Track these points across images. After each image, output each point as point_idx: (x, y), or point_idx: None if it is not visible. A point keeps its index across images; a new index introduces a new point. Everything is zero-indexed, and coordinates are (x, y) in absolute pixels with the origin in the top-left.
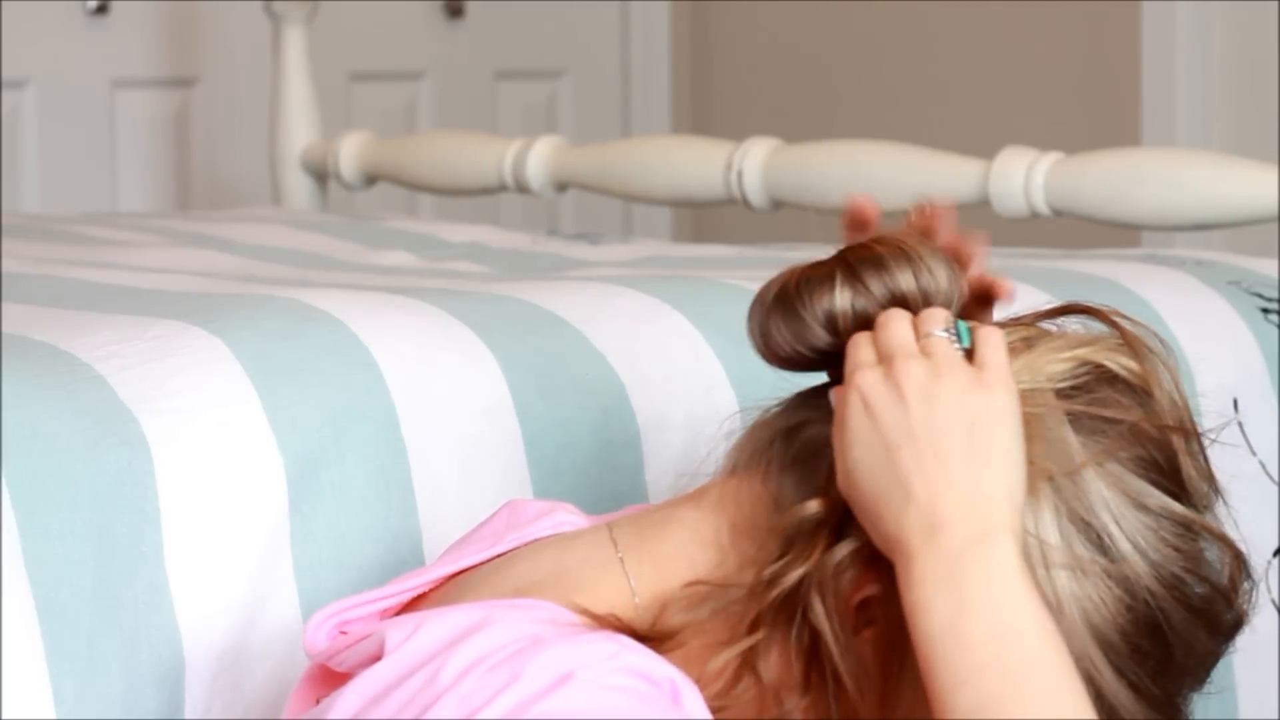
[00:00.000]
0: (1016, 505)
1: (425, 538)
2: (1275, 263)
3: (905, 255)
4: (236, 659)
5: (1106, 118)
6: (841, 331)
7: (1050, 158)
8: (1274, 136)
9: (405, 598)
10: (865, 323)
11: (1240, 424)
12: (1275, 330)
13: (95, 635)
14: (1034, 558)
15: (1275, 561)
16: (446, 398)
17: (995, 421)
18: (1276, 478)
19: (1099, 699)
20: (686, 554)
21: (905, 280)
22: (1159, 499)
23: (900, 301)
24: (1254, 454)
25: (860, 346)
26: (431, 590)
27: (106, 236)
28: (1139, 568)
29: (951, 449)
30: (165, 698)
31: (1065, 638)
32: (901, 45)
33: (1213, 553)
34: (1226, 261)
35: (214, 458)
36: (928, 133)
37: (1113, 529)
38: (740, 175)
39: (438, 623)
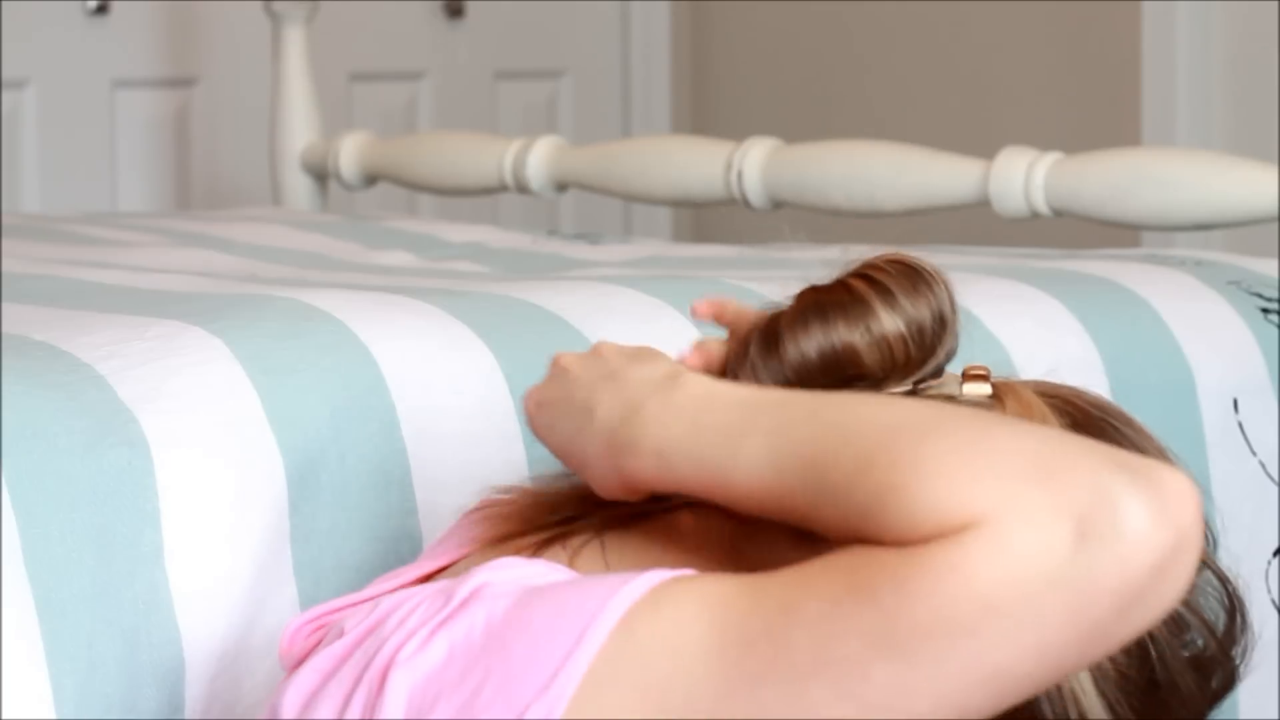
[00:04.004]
0: (677, 369)
1: (425, 538)
2: (1275, 263)
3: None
4: (236, 659)
5: (1106, 118)
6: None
7: (1050, 158)
8: (1274, 136)
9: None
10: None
11: (1240, 424)
12: (1275, 330)
13: (95, 635)
14: None
15: (1275, 561)
16: (446, 398)
17: (621, 353)
18: (1276, 478)
19: None
20: (670, 559)
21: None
22: None
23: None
24: (1254, 454)
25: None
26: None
27: (106, 236)
28: None
29: (611, 367)
30: (165, 698)
31: None
32: (901, 45)
33: (1211, 607)
34: (1226, 261)
35: (214, 458)
36: (928, 133)
37: None
38: (740, 175)
39: (392, 598)
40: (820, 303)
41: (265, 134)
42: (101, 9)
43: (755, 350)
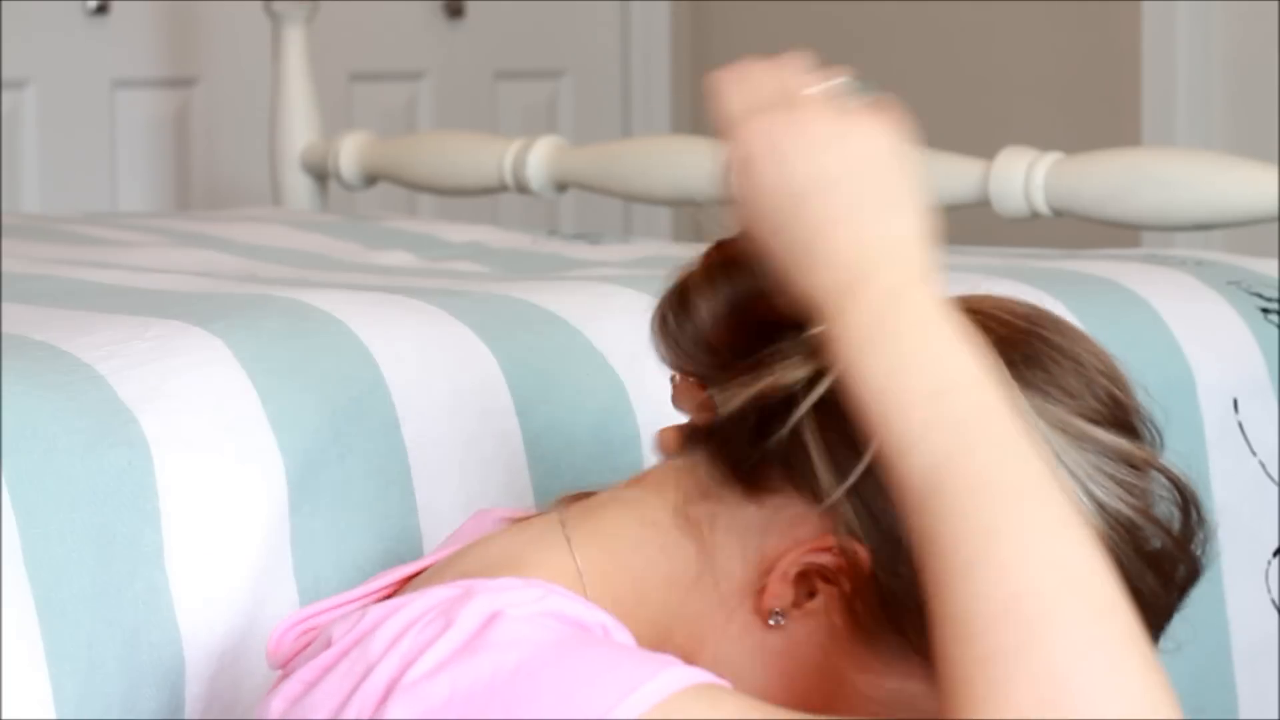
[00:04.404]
0: (930, 252)
1: (425, 538)
2: (1275, 263)
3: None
4: (236, 659)
5: (1106, 118)
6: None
7: (1050, 158)
8: (1274, 136)
9: (368, 603)
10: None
11: (1240, 424)
12: (1275, 330)
13: (95, 635)
14: None
15: (1275, 561)
16: (446, 398)
17: (899, 168)
18: (1276, 478)
19: None
20: (630, 533)
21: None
22: (1105, 436)
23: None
24: (1254, 454)
25: (729, 96)
26: (391, 593)
27: (106, 236)
28: (1083, 506)
29: (862, 196)
30: (165, 698)
31: None
32: (901, 45)
33: (1164, 506)
34: (1226, 261)
35: (214, 458)
36: (928, 133)
37: (1057, 467)
38: None
39: (380, 608)
40: (725, 258)
41: (265, 134)
42: (101, 9)
43: (669, 310)
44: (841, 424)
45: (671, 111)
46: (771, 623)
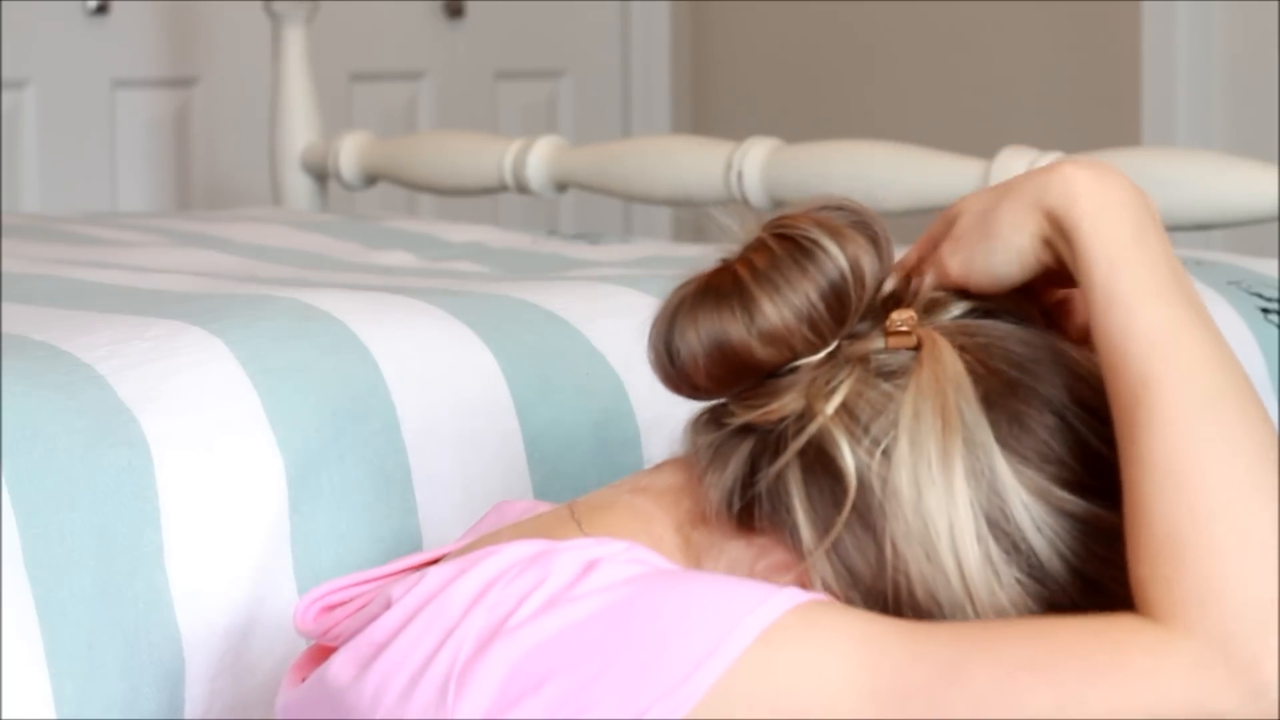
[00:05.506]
0: None
1: (425, 538)
2: (1275, 263)
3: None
4: (236, 659)
5: (1106, 118)
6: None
7: (1050, 158)
8: (1274, 136)
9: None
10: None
11: None
12: (1275, 330)
13: (95, 635)
14: (944, 543)
15: None
16: (446, 398)
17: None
18: None
19: None
20: (642, 543)
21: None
22: (1082, 506)
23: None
24: None
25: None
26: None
27: (106, 236)
28: (1058, 571)
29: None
30: (165, 698)
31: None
32: (901, 45)
33: None
34: (1226, 261)
35: (214, 457)
36: (928, 133)
37: (1031, 535)
38: (740, 175)
39: (441, 570)
40: (709, 289)
41: (265, 134)
42: (101, 9)
43: (657, 335)
44: (823, 476)
45: (671, 111)
46: None
